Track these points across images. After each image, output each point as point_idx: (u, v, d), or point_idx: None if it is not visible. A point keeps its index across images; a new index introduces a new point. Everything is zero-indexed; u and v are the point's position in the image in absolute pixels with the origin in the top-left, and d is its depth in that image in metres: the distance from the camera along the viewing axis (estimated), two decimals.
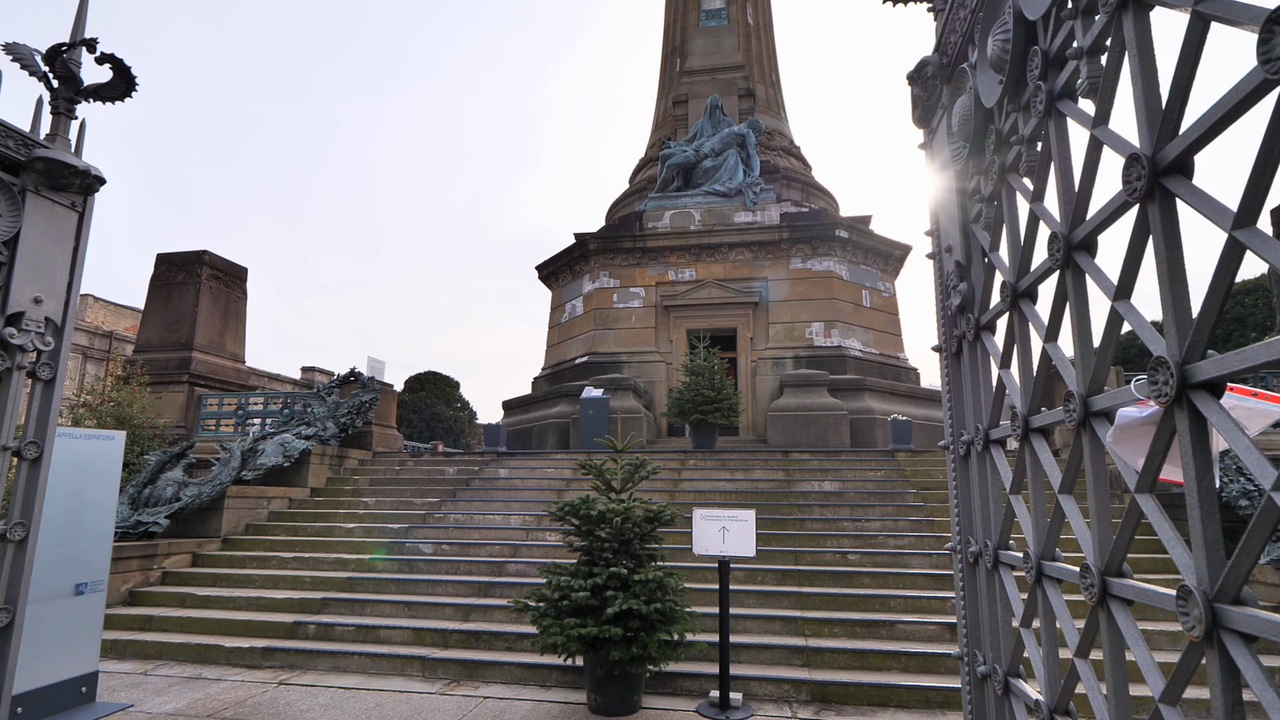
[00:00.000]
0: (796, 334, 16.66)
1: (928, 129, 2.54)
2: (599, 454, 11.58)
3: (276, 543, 9.35)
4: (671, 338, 17.24)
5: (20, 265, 2.47)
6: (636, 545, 5.47)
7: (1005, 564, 1.86)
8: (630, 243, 17.76)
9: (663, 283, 17.60)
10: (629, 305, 17.64)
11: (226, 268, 14.55)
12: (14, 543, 2.58)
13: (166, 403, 12.80)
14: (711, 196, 17.90)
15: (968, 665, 2.05)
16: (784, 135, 21.36)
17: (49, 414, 2.63)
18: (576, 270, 19.01)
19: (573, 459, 12.00)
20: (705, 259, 17.42)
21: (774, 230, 17.10)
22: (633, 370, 16.93)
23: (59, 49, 2.53)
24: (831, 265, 17.03)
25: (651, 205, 18.20)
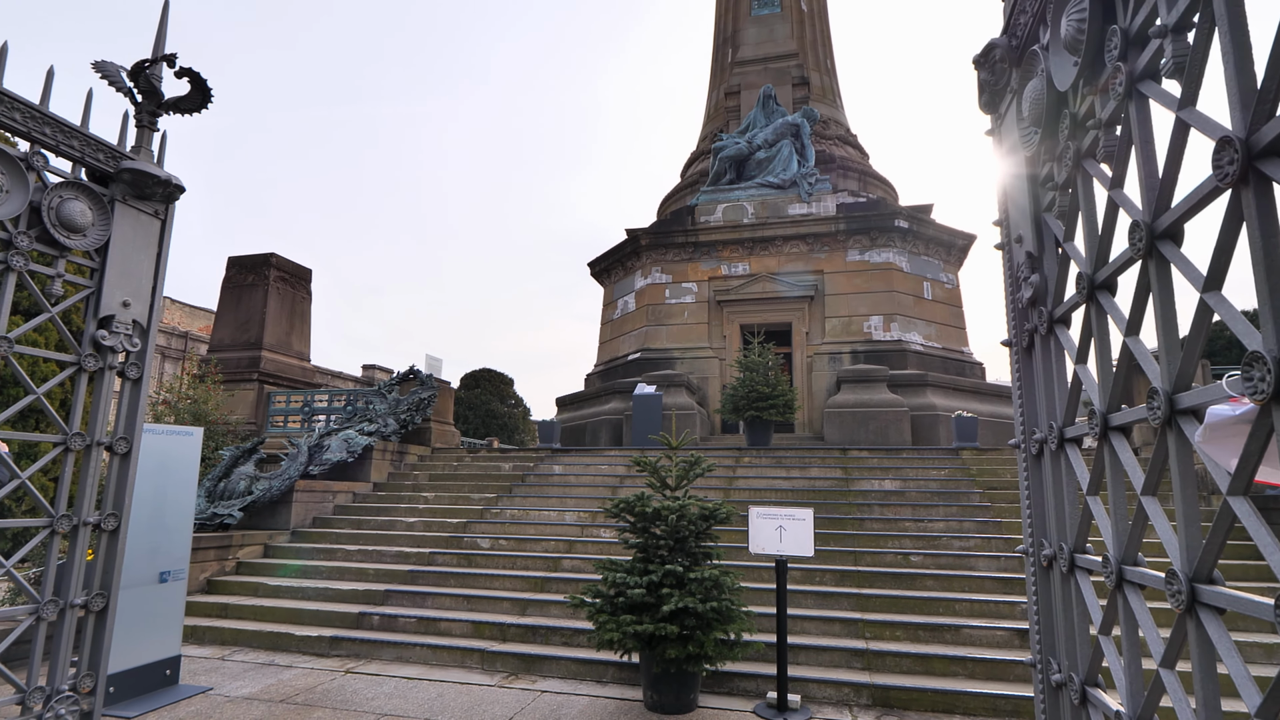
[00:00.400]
0: (854, 328, 16.32)
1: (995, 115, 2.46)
2: (653, 451, 11.64)
3: (342, 535, 9.73)
4: (725, 333, 17.13)
5: (110, 271, 2.65)
6: (692, 543, 5.48)
7: (1082, 568, 1.79)
8: (682, 237, 17.72)
9: (715, 277, 17.50)
10: (681, 301, 17.61)
11: (292, 269, 15.18)
12: (107, 532, 2.76)
13: (238, 400, 13.46)
14: (765, 188, 17.69)
15: (1041, 673, 1.99)
16: (840, 123, 20.93)
17: (137, 411, 2.80)
18: (628, 266, 19.08)
19: (626, 456, 12.08)
20: (759, 252, 17.24)
21: (830, 221, 16.79)
22: (685, 366, 16.90)
23: (142, 65, 2.70)
24: (891, 256, 16.62)
25: (703, 199, 18.11)
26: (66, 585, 2.64)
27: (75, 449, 2.60)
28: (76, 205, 2.53)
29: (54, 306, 2.54)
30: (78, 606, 2.65)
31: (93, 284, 2.65)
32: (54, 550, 2.59)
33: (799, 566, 7.54)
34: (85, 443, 2.61)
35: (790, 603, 6.95)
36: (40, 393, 2.49)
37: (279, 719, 5.10)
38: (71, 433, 2.59)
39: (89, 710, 2.72)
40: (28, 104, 2.37)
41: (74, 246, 2.57)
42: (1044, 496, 2.02)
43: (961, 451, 11.41)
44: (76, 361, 2.61)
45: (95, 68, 2.60)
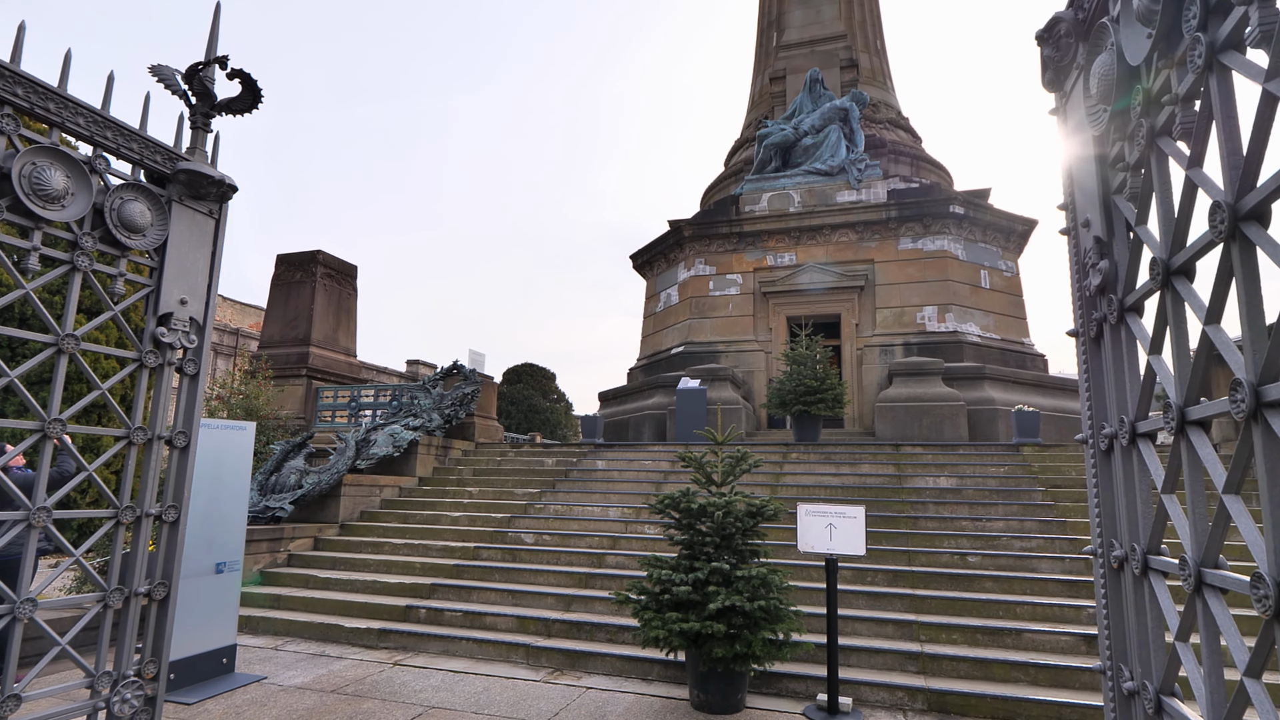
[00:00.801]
0: (907, 319, 15.98)
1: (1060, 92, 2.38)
2: (697, 446, 11.62)
3: (389, 529, 10.00)
4: (770, 325, 16.97)
5: (168, 270, 2.77)
6: (738, 540, 5.46)
7: (1156, 570, 1.73)
8: (726, 228, 17.60)
9: (761, 268, 17.34)
10: (726, 293, 17.51)
11: (338, 266, 15.61)
12: (168, 524, 2.89)
13: (288, 395, 13.93)
14: (812, 176, 17.44)
15: (1112, 681, 1.93)
16: (890, 106, 20.46)
17: (194, 406, 2.93)
18: (671, 258, 19.05)
19: (670, 451, 12.10)
20: (806, 242, 17.01)
21: (881, 208, 16.46)
22: (730, 360, 16.81)
23: (196, 68, 2.81)
24: (945, 244, 16.20)
25: (748, 188, 17.95)
26: (130, 574, 2.78)
27: (138, 443, 2.73)
28: (136, 206, 2.66)
29: (116, 305, 2.67)
30: (141, 595, 2.79)
31: (152, 282, 2.77)
32: (119, 540, 2.73)
33: (850, 566, 7.44)
34: (147, 437, 2.74)
35: (841, 603, 6.86)
36: (105, 388, 2.62)
37: (331, 708, 5.28)
38: (134, 427, 2.72)
39: (152, 695, 2.86)
40: (90, 109, 2.49)
41: (134, 246, 2.70)
42: (1114, 495, 1.95)
43: (1022, 448, 11.09)
44: (138, 358, 2.74)
45: (152, 72, 2.72)
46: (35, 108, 2.37)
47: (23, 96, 2.33)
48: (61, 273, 2.49)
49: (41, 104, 2.38)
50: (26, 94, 2.34)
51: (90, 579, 2.63)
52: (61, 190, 2.42)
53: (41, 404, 9.61)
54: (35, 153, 2.37)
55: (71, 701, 3.70)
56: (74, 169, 2.47)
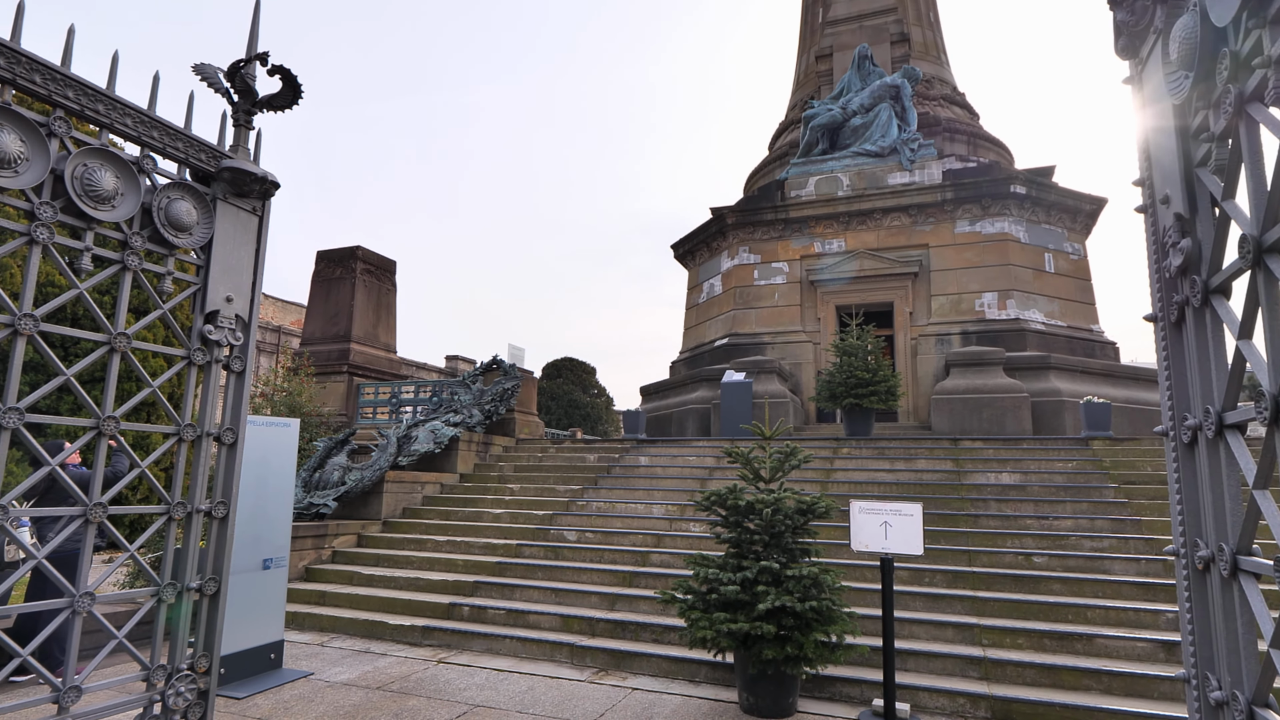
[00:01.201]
0: (964, 306, 15.60)
1: (1135, 59, 2.28)
2: (744, 441, 11.56)
3: (431, 526, 10.22)
4: (819, 315, 16.78)
5: (214, 267, 2.87)
6: (788, 539, 5.42)
7: (1247, 572, 1.65)
8: (771, 214, 17.43)
9: (808, 255, 17.14)
10: (771, 282, 17.36)
11: (377, 261, 15.97)
12: (218, 520, 3.01)
13: (330, 392, 14.33)
14: (861, 157, 17.13)
15: (1197, 690, 1.85)
16: (945, 82, 19.94)
17: (241, 403, 3.03)
18: (714, 247, 18.96)
19: (715, 446, 12.06)
20: (856, 227, 16.74)
21: (935, 190, 16.07)
22: (777, 352, 16.67)
23: (238, 65, 2.89)
24: (1006, 226, 15.74)
25: (794, 172, 17.73)
26: (182, 569, 2.90)
27: (187, 440, 2.83)
28: (183, 205, 2.76)
29: (165, 303, 2.77)
30: (193, 590, 2.90)
31: (198, 280, 2.88)
32: (171, 536, 2.85)
33: (906, 566, 7.33)
34: (196, 433, 2.85)
35: (897, 605, 6.76)
36: (155, 386, 2.73)
37: (376, 705, 5.43)
38: (184, 424, 2.83)
39: (205, 689, 2.98)
40: (138, 109, 2.59)
41: (181, 245, 2.80)
42: (1198, 491, 1.87)
43: (1092, 441, 10.73)
44: (186, 355, 2.84)
45: (195, 70, 2.81)
46: (85, 110, 2.47)
47: (73, 99, 2.44)
48: (112, 272, 2.60)
49: (91, 106, 2.48)
50: (77, 96, 2.44)
51: (144, 574, 2.75)
52: (112, 191, 2.53)
53: (94, 402, 10.05)
54: (86, 154, 2.47)
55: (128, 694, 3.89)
56: (123, 169, 2.58)
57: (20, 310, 2.32)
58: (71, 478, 5.68)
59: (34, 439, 2.36)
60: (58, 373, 2.44)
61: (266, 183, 2.98)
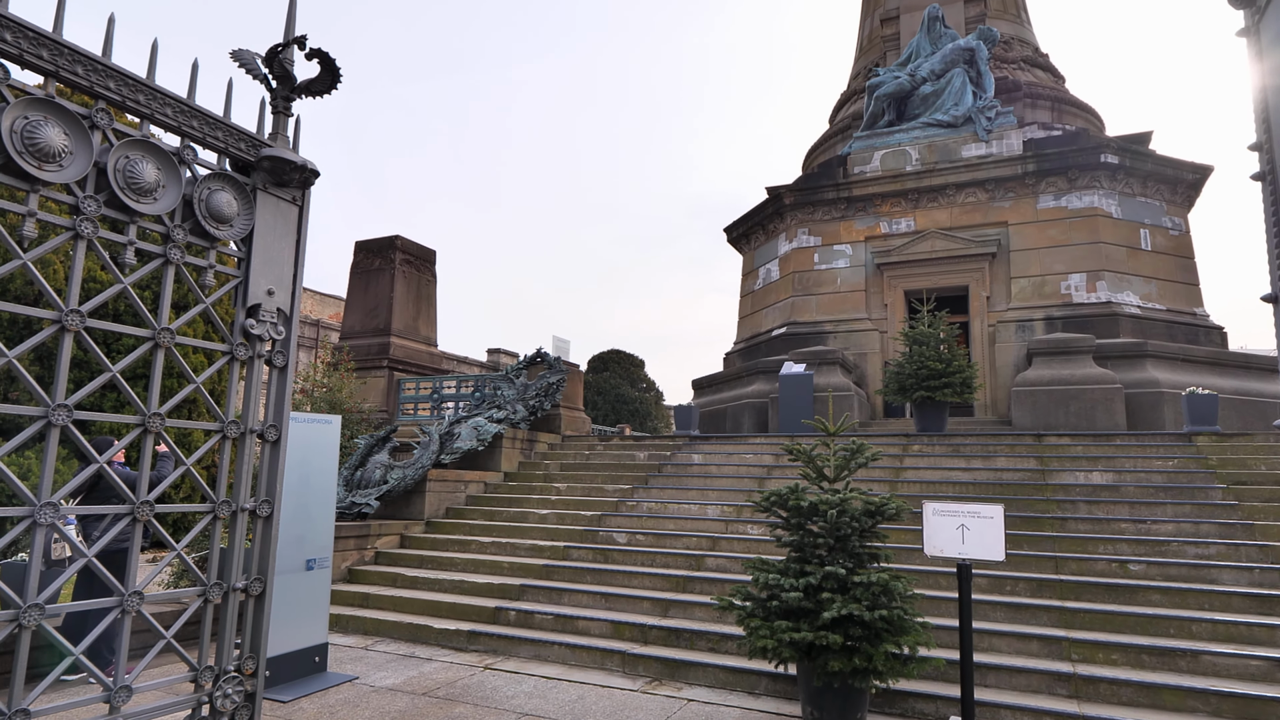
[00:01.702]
0: (1049, 289, 15.10)
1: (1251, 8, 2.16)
2: (805, 437, 11.45)
3: (475, 527, 10.41)
4: (886, 301, 16.49)
5: (255, 260, 2.96)
6: (855, 542, 5.35)
7: None
8: (833, 192, 17.17)
9: (874, 237, 16.84)
10: (833, 266, 17.12)
11: (417, 251, 16.30)
12: (262, 519, 3.12)
13: (370, 387, 14.71)
14: (932, 128, 16.72)
15: None
16: (1025, 43, 19.27)
17: (284, 399, 3.13)
18: (770, 229, 18.78)
19: (774, 443, 11.97)
20: (926, 205, 16.36)
21: (1015, 162, 15.58)
22: (839, 341, 16.45)
23: (276, 50, 2.97)
24: (1095, 200, 15.15)
25: (857, 146, 17.42)
26: (228, 569, 3.01)
27: (231, 436, 2.94)
28: (223, 196, 2.85)
29: (207, 297, 2.88)
30: (239, 590, 3.02)
31: (240, 273, 2.98)
32: (216, 535, 2.97)
33: (985, 573, 7.16)
34: (240, 430, 2.96)
35: (975, 615, 6.61)
36: (199, 382, 2.84)
37: (423, 712, 5.57)
38: (228, 420, 2.94)
39: (251, 691, 3.10)
40: (178, 99, 2.69)
41: (222, 237, 2.90)
42: None
43: (1196, 437, 10.27)
44: (229, 351, 2.95)
45: (233, 57, 2.90)
46: (127, 100, 2.58)
47: (115, 90, 2.54)
48: (155, 266, 2.71)
49: (132, 97, 2.59)
50: (118, 87, 2.55)
51: (190, 573, 2.88)
52: (153, 183, 2.63)
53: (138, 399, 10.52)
54: (128, 146, 2.58)
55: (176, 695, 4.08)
56: (164, 161, 2.68)
57: (67, 306, 2.43)
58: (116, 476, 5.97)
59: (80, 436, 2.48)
60: (100, 369, 2.57)
61: (306, 171, 3.06)
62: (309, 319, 32.02)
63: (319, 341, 31.20)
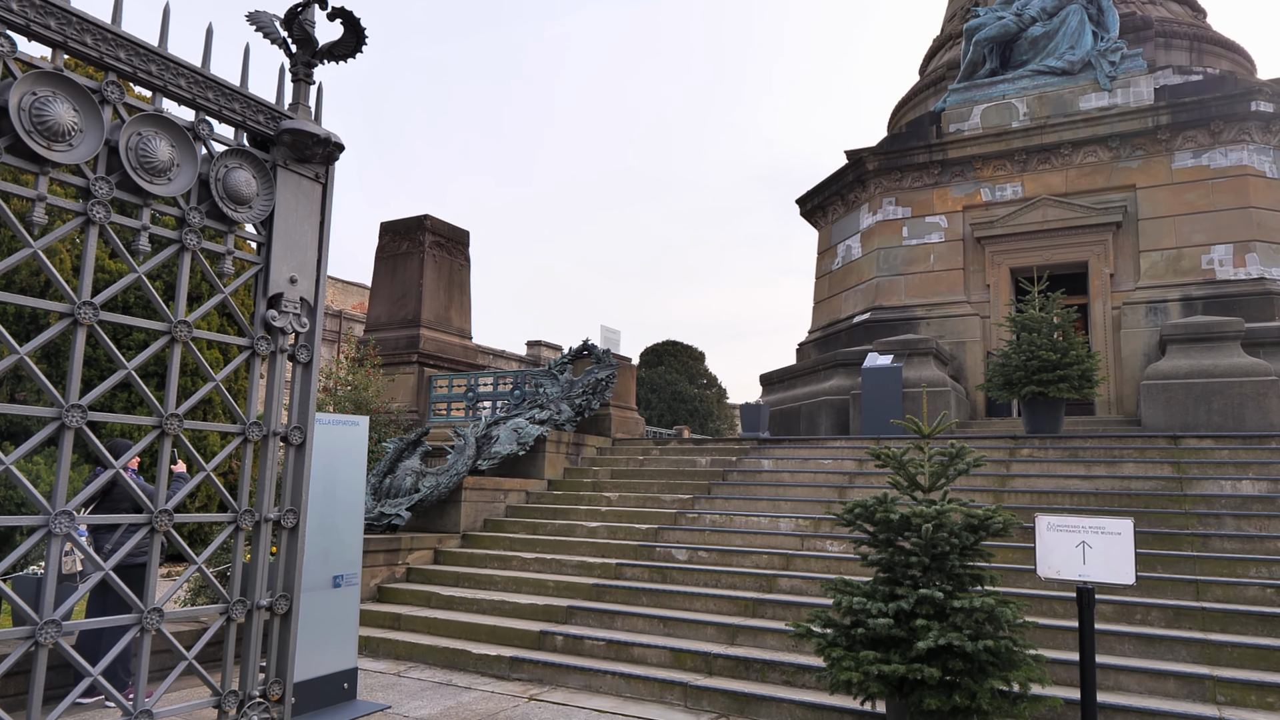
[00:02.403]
0: (1187, 264, 14.54)
1: None
2: (893, 440, 11.28)
3: (516, 541, 10.56)
4: (988, 281, 16.14)
5: (277, 244, 3.06)
6: (954, 561, 5.26)
7: None
8: (924, 155, 16.85)
9: (973, 206, 16.48)
10: (925, 240, 16.82)
11: (448, 233, 16.59)
12: (287, 530, 3.23)
13: (399, 385, 15.05)
14: (1044, 76, 16.27)
15: None
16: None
17: (309, 398, 3.23)
18: (850, 199, 18.54)
19: (857, 447, 11.84)
20: (1037, 167, 15.92)
21: (1145, 114, 15.02)
22: (933, 328, 16.16)
23: (295, 11, 3.06)
24: (1245, 157, 14.50)
25: (953, 100, 17.05)
26: (251, 585, 3.13)
27: (254, 439, 3.05)
28: (242, 174, 2.95)
29: (225, 286, 2.99)
30: (263, 608, 3.13)
31: (260, 260, 3.08)
32: (239, 547, 3.09)
33: (1110, 598, 6.99)
34: (263, 433, 3.06)
35: (1100, 647, 6.43)
36: (218, 380, 2.95)
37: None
38: (249, 422, 3.05)
39: (278, 719, 3.22)
40: (193, 69, 2.79)
41: (241, 220, 3.00)
42: None
43: None
44: (250, 345, 3.05)
45: (250, 19, 3.00)
46: (138, 72, 2.69)
47: (125, 60, 2.65)
48: (171, 253, 2.83)
49: (144, 67, 2.69)
50: (129, 57, 2.66)
51: (211, 589, 3.00)
52: (167, 161, 2.74)
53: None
54: (140, 122, 2.69)
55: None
56: (178, 137, 2.78)
57: (79, 298, 2.55)
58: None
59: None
60: (115, 366, 2.68)
61: (330, 145, 3.14)
62: (331, 310, 32.92)
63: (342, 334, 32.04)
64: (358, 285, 35.30)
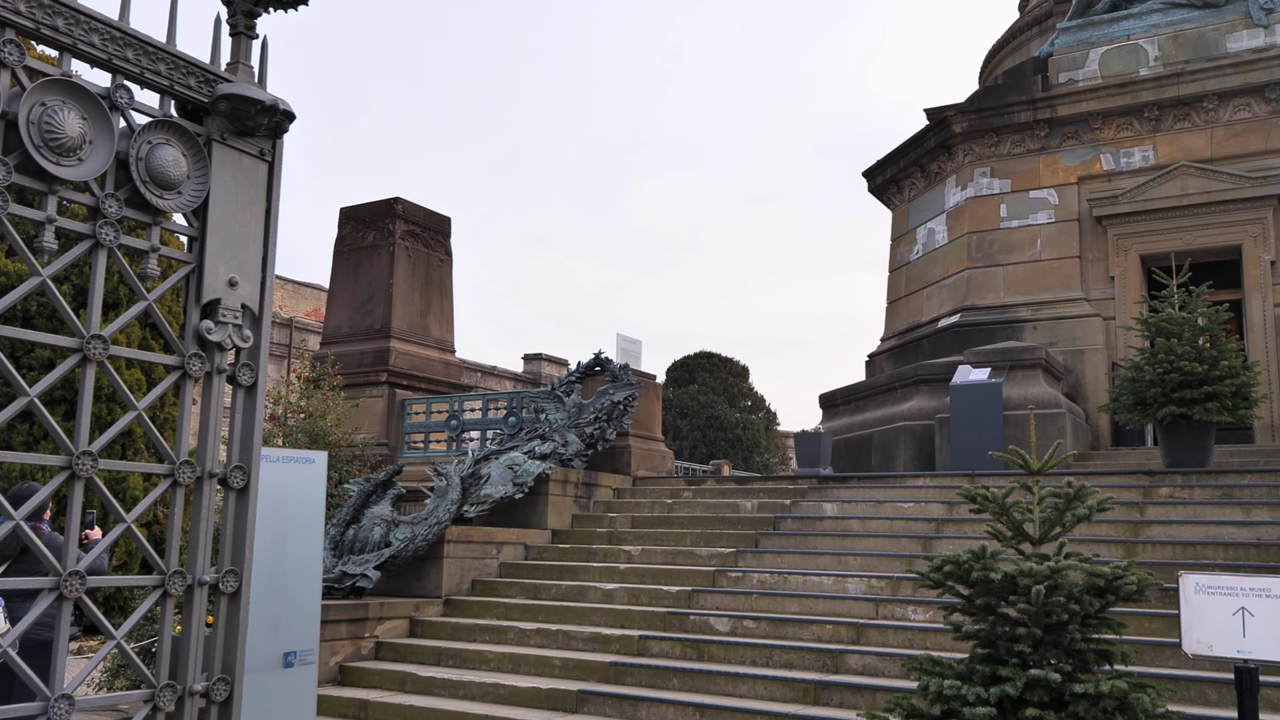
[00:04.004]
0: None
1: None
2: (992, 477, 11.19)
3: (512, 608, 10.58)
4: (1112, 272, 16.06)
5: (212, 238, 3.10)
6: (1074, 633, 5.22)
7: None
8: (1026, 112, 16.82)
9: (1091, 177, 16.41)
10: (1029, 221, 16.78)
11: (425, 220, 16.74)
12: (227, 595, 3.25)
13: (365, 411, 15.16)
14: (1179, 10, 16.21)
15: None
16: None
17: (253, 429, 3.26)
18: (932, 171, 18.52)
19: (945, 486, 11.78)
20: (1173, 126, 15.84)
21: None
22: (1041, 334, 16.07)
23: None
24: None
25: (1063, 43, 17.02)
26: (183, 665, 3.16)
27: (185, 482, 3.08)
28: (168, 152, 3.00)
29: (149, 292, 3.03)
30: (198, 694, 3.16)
31: (192, 258, 3.12)
32: (167, 617, 3.11)
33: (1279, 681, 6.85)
34: (196, 474, 3.09)
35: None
36: (141, 408, 2.99)
37: None
38: (179, 461, 3.08)
39: None
40: (108, 21, 2.84)
41: (168, 208, 3.05)
42: None
43: None
44: (179, 365, 3.09)
45: None
46: (41, 27, 2.74)
47: (26, 14, 2.71)
48: (82, 251, 2.87)
49: (49, 21, 2.75)
50: (30, 9, 2.71)
51: (133, 669, 3.03)
52: (77, 138, 2.79)
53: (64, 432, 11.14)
54: (44, 89, 2.74)
55: None
56: (91, 107, 2.83)
57: None
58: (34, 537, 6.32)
59: None
60: (14, 393, 2.72)
61: (278, 114, 3.18)
62: (280, 318, 33.27)
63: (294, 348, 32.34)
64: (312, 287, 35.66)
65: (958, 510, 10.83)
